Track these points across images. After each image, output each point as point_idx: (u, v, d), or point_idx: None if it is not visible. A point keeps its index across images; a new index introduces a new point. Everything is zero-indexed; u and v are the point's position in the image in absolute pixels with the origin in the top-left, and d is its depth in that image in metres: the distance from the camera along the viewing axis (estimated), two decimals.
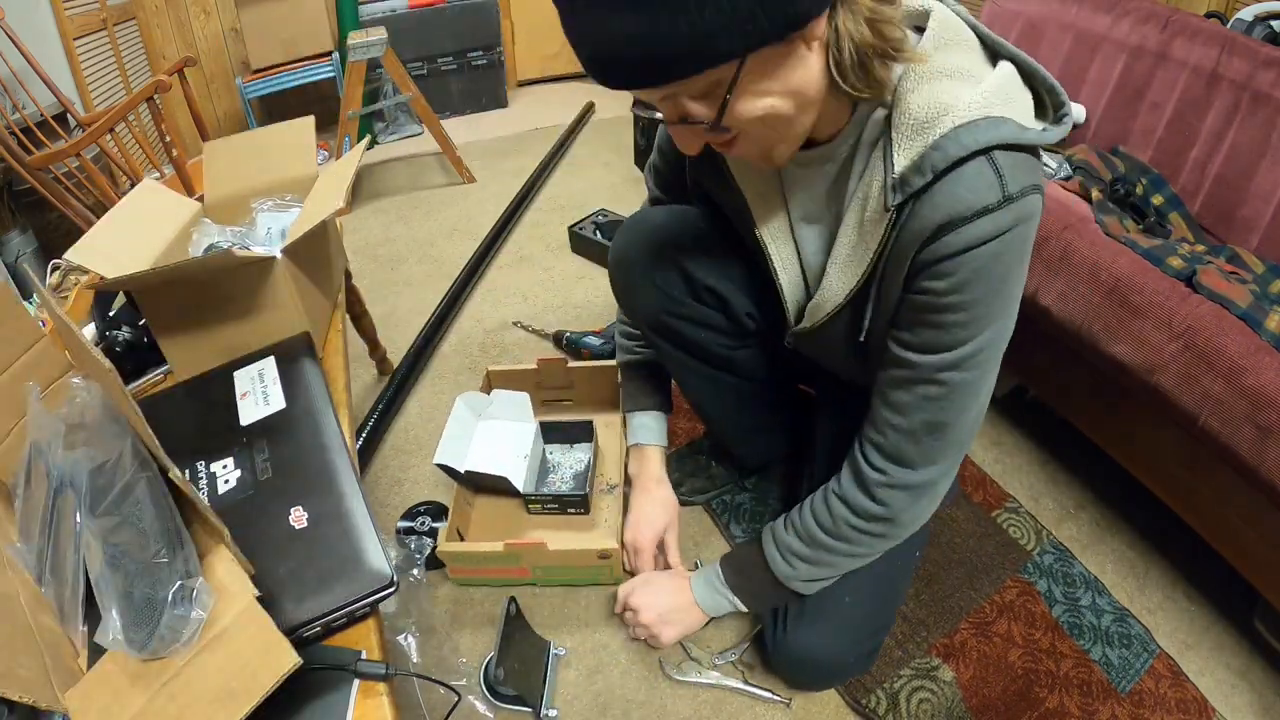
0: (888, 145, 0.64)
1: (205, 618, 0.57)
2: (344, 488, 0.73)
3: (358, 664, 0.62)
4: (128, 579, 0.55)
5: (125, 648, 0.54)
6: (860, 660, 0.99)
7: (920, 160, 0.61)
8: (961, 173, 0.60)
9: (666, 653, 1.08)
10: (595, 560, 1.11)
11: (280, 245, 0.91)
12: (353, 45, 2.25)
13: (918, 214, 0.63)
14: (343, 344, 1.01)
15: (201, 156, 1.15)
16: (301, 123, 1.17)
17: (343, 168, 1.03)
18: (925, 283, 0.65)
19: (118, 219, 0.95)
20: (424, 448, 1.44)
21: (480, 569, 1.15)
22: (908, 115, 0.61)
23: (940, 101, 0.60)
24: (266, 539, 0.68)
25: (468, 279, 1.94)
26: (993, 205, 0.60)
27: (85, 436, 0.67)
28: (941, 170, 0.60)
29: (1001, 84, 0.61)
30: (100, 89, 2.38)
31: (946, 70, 0.61)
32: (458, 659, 1.07)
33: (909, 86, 0.61)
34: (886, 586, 0.97)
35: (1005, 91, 0.61)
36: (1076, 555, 1.21)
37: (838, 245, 0.73)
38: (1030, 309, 1.10)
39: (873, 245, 0.68)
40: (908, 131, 0.62)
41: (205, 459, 0.78)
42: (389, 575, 0.65)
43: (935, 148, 0.60)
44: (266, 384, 0.87)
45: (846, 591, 0.92)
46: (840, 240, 0.72)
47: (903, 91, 0.62)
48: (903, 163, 0.62)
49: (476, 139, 2.93)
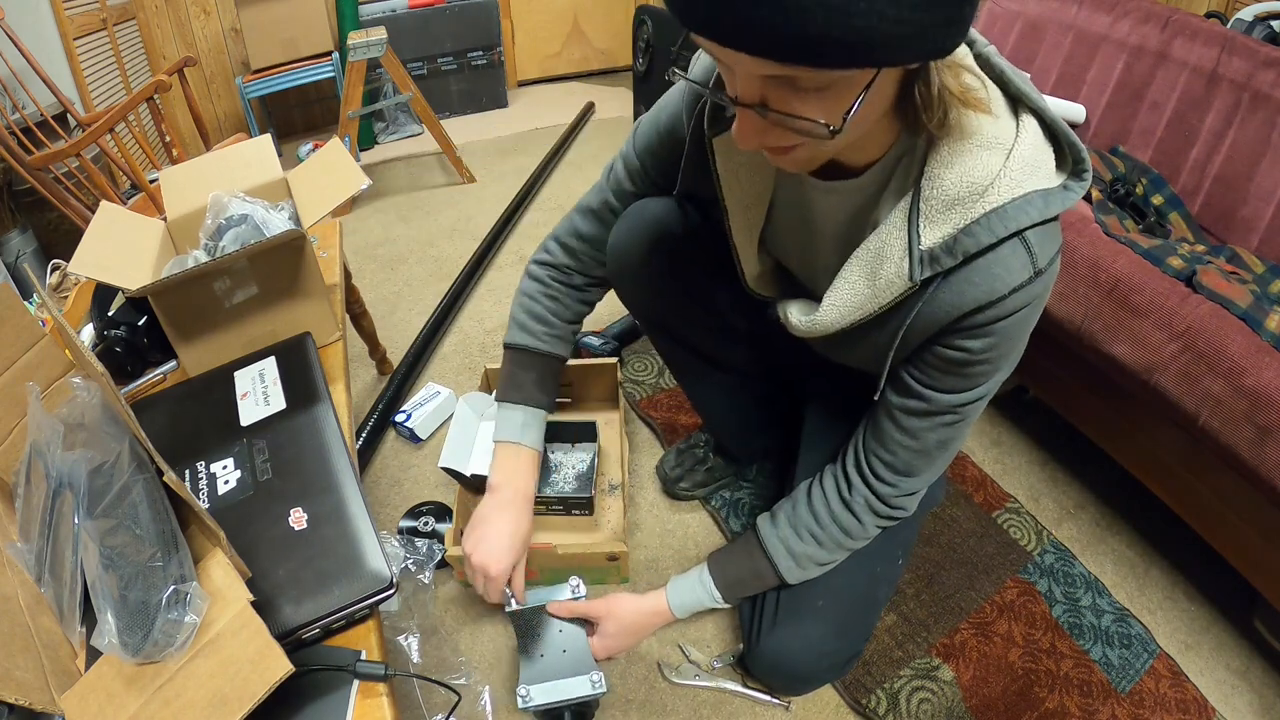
0: (915, 213, 0.63)
1: (199, 622, 0.56)
2: (344, 489, 0.73)
3: (357, 665, 0.62)
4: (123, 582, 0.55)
5: (120, 651, 0.54)
6: (835, 667, 0.96)
7: (952, 242, 0.61)
8: (996, 256, 0.62)
9: (665, 655, 1.07)
10: (604, 563, 1.11)
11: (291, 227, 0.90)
12: (353, 45, 2.24)
13: (949, 289, 0.64)
14: (343, 344, 1.01)
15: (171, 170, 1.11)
16: (259, 139, 1.15)
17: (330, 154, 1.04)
18: (955, 342, 0.68)
19: (99, 236, 0.93)
20: (424, 448, 1.44)
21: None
22: (939, 189, 0.60)
23: (973, 179, 0.59)
24: (266, 540, 0.68)
25: (468, 279, 1.93)
26: (1025, 282, 0.62)
27: (84, 437, 0.66)
28: (973, 254, 0.61)
29: (1029, 153, 0.60)
30: (100, 89, 2.37)
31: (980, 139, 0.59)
32: (458, 659, 1.07)
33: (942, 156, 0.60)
34: (866, 591, 0.94)
35: (1034, 161, 0.60)
36: (1076, 555, 1.20)
37: (842, 280, 0.71)
38: None
39: (883, 300, 0.67)
40: (939, 205, 0.61)
41: (205, 459, 0.77)
42: (388, 577, 0.65)
43: (968, 233, 0.60)
44: (267, 384, 0.86)
45: (821, 595, 0.91)
46: (846, 277, 0.70)
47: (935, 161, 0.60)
48: (932, 238, 0.62)
49: (476, 139, 2.92)
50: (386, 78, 2.81)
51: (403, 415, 1.46)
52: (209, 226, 0.97)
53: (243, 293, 0.91)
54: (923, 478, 0.80)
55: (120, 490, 0.59)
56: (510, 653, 1.08)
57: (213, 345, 0.92)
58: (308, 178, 1.05)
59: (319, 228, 1.22)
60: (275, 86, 2.68)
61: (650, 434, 1.45)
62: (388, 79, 2.81)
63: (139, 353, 0.96)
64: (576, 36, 3.47)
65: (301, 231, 0.91)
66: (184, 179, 1.06)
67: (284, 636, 0.59)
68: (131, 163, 1.79)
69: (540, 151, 2.70)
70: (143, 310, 0.95)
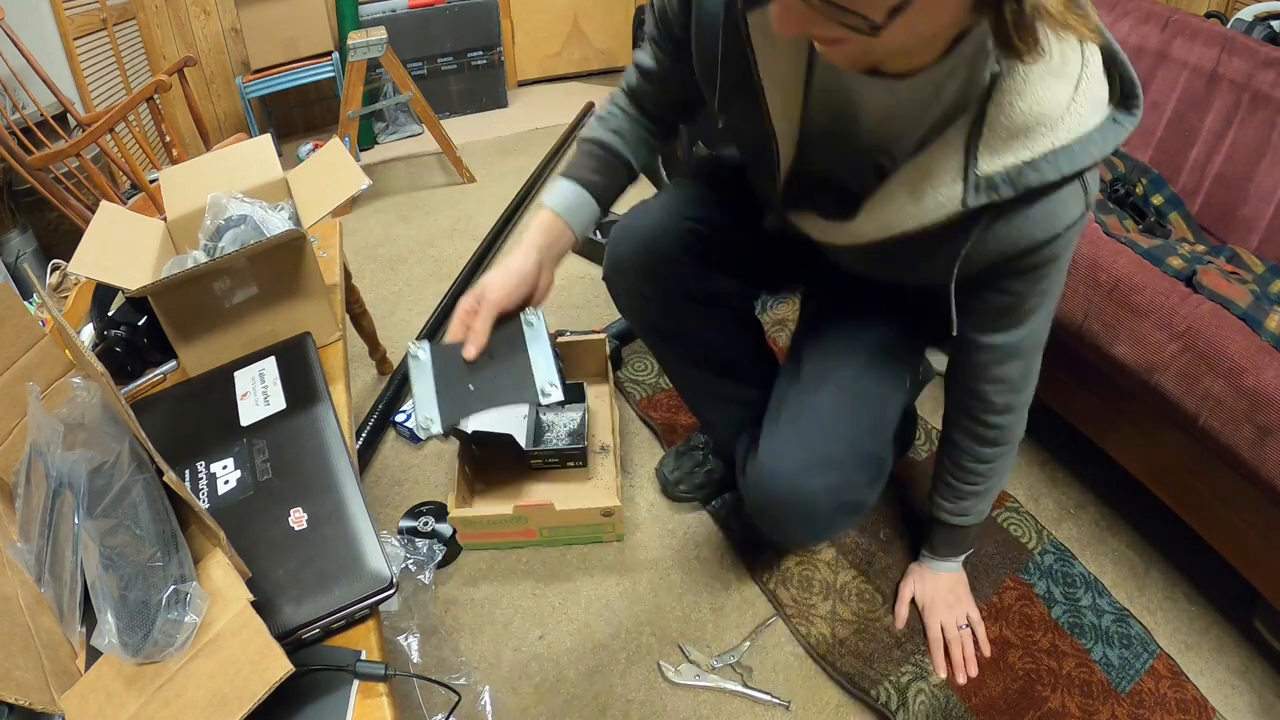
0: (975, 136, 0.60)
1: (199, 622, 0.56)
2: (344, 489, 0.73)
3: (357, 665, 0.62)
4: (123, 582, 0.55)
5: (119, 651, 0.54)
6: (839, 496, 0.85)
7: (1015, 174, 0.60)
8: (1059, 196, 0.62)
9: (665, 654, 1.07)
10: (599, 518, 1.19)
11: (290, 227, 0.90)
12: (353, 45, 2.24)
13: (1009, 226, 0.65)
14: (343, 344, 1.01)
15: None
16: (259, 139, 1.15)
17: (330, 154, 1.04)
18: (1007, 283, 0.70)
19: (99, 237, 0.93)
20: (424, 448, 1.44)
21: (490, 533, 1.20)
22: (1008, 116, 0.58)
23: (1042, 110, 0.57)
24: (266, 540, 0.68)
25: (468, 279, 1.93)
26: (1078, 218, 0.64)
27: (84, 437, 0.66)
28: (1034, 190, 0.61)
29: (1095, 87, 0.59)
30: (100, 89, 2.37)
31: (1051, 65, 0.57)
32: (458, 659, 1.07)
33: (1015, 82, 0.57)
34: (878, 397, 0.89)
35: (1098, 96, 0.59)
36: (1076, 555, 1.20)
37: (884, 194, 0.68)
38: None
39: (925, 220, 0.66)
40: (1003, 134, 0.59)
41: (205, 459, 0.77)
42: (388, 577, 0.65)
43: (1034, 168, 0.60)
44: (267, 384, 0.86)
45: (826, 393, 0.87)
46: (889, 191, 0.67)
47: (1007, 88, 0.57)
48: (992, 166, 0.60)
49: (476, 139, 2.92)
50: (386, 78, 2.81)
51: (402, 415, 1.46)
52: (208, 227, 0.97)
53: (243, 293, 0.91)
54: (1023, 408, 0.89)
55: (120, 490, 0.59)
56: (510, 652, 1.08)
57: (213, 345, 0.92)
58: (308, 178, 1.05)
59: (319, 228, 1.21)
60: (275, 86, 2.68)
61: (650, 435, 1.45)
62: (388, 79, 2.81)
63: (139, 353, 0.96)
64: (576, 36, 3.47)
65: (301, 231, 0.91)
66: (184, 179, 1.06)
67: (284, 636, 0.59)
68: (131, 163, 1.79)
69: (540, 151, 2.70)
70: (143, 310, 0.95)
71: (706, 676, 1.04)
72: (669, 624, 1.12)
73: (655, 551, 1.23)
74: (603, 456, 1.34)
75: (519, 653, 1.09)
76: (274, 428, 0.80)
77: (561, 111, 3.12)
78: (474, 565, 1.22)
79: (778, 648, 1.08)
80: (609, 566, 1.21)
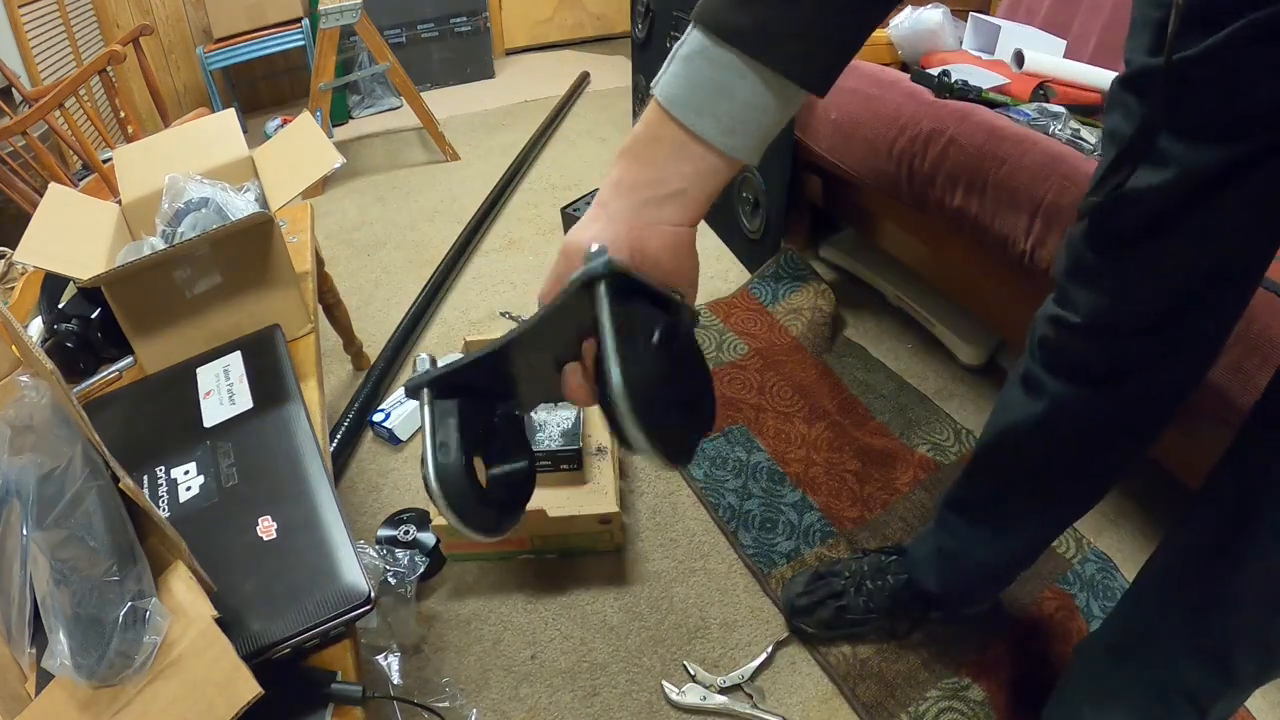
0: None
1: (159, 642, 0.56)
2: (317, 495, 0.73)
3: (331, 687, 0.62)
4: (76, 598, 0.55)
5: (73, 674, 0.54)
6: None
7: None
8: None
9: (669, 674, 1.08)
10: (595, 525, 1.17)
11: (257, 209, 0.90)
12: (324, 11, 2.24)
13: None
14: (315, 337, 1.01)
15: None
16: (222, 114, 1.16)
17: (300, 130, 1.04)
18: None
19: (47, 222, 0.93)
20: (405, 450, 1.44)
21: (476, 542, 1.17)
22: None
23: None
24: (232, 551, 0.68)
25: (451, 265, 1.93)
26: None
27: (33, 441, 0.66)
28: None
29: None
30: (48, 61, 2.37)
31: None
32: (442, 680, 1.07)
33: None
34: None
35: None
36: (1119, 566, 1.20)
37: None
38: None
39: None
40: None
41: (165, 464, 0.77)
42: (366, 591, 0.65)
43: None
44: (232, 381, 0.86)
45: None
46: None
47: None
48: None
49: (460, 113, 2.92)
50: (362, 46, 2.80)
51: (381, 414, 1.46)
52: (166, 211, 0.97)
53: (205, 282, 0.91)
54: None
55: (72, 499, 0.59)
56: (500, 672, 1.09)
57: (173, 340, 0.92)
58: (275, 156, 1.05)
59: (288, 210, 1.22)
60: (240, 57, 2.68)
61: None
62: (363, 48, 2.80)
63: (92, 348, 0.96)
64: (569, 0, 3.46)
65: (269, 215, 0.91)
66: (140, 158, 1.06)
67: (252, 656, 0.59)
68: (83, 141, 1.78)
69: (530, 126, 2.70)
70: (96, 302, 0.94)
71: (714, 699, 1.04)
72: (673, 641, 1.12)
73: (658, 562, 1.23)
74: (599, 459, 1.33)
75: (509, 673, 1.09)
76: (240, 429, 0.80)
77: (553, 82, 3.11)
78: (459, 578, 1.22)
79: (793, 668, 1.09)
80: (607, 578, 1.21)
